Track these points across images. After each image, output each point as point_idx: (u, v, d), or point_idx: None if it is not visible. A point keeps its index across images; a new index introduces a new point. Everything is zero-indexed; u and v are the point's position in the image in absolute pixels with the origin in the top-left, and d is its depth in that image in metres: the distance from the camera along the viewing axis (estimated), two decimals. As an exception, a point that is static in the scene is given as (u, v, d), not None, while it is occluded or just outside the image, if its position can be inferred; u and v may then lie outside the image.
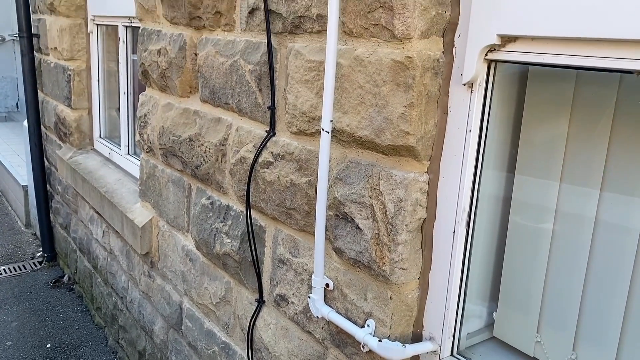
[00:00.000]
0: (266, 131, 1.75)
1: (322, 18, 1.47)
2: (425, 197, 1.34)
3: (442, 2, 1.25)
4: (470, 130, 1.25)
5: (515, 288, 1.38)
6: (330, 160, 1.48)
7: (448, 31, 1.28)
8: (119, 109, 3.57)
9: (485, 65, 1.22)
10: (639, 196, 1.12)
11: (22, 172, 5.57)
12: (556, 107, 1.24)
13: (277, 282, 1.78)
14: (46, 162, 4.56)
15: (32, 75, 4.18)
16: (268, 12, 1.65)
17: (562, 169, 1.24)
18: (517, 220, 1.35)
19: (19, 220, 5.66)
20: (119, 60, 3.33)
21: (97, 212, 3.40)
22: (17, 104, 9.10)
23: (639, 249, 1.13)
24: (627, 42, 0.95)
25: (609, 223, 1.17)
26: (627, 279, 1.15)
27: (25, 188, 5.24)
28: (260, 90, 1.77)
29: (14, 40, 8.53)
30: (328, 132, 1.43)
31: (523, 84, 1.31)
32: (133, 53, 3.26)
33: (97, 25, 3.63)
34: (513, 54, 1.15)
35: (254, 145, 1.82)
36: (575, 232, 1.23)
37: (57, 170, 4.22)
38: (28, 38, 4.08)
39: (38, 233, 4.91)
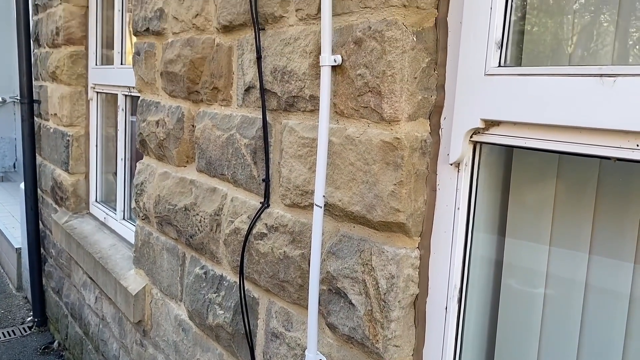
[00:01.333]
0: (260, 203, 1.79)
1: (314, 99, 1.53)
2: (417, 273, 1.36)
3: (427, 87, 1.32)
4: (458, 208, 1.29)
5: (510, 359, 1.37)
6: (323, 234, 1.50)
7: (434, 113, 1.34)
8: (115, 173, 3.62)
9: (471, 147, 1.27)
10: (628, 260, 1.13)
11: (17, 234, 5.55)
12: (542, 185, 1.28)
13: (270, 357, 1.76)
14: (41, 225, 4.56)
15: (31, 139, 4.25)
16: (264, 91, 1.72)
17: (551, 235, 1.27)
18: (510, 286, 1.37)
19: (10, 283, 5.58)
20: (118, 127, 3.40)
21: (91, 278, 3.38)
22: (14, 164, 9.17)
23: (630, 313, 1.14)
24: (603, 131, 1.00)
25: (598, 287, 1.19)
26: (619, 345, 1.15)
27: (18, 251, 5.21)
28: (255, 163, 1.81)
29: (14, 102, 8.71)
30: (321, 207, 1.46)
31: (509, 162, 1.35)
32: (132, 114, 3.34)
33: (97, 92, 3.73)
34: (497, 137, 1.20)
35: (248, 216, 1.84)
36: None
37: (51, 233, 4.21)
38: (29, 104, 4.18)
39: (29, 297, 4.84)
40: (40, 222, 4.53)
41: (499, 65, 1.20)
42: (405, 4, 1.26)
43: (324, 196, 1.46)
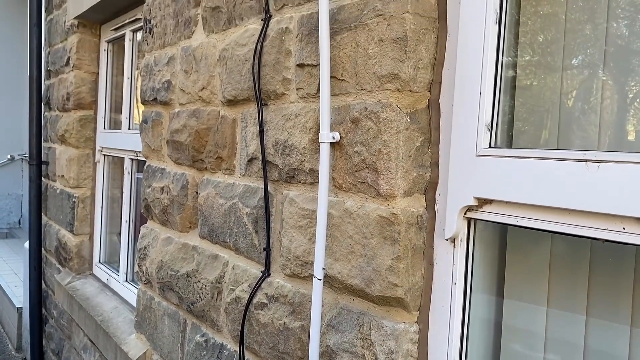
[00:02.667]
0: (261, 271, 1.81)
1: (314, 172, 1.58)
2: (416, 347, 1.36)
3: (422, 164, 1.37)
4: (455, 283, 1.31)
5: None
6: (322, 306, 1.52)
7: (429, 189, 1.38)
8: (119, 233, 3.65)
9: (466, 223, 1.30)
10: (625, 323, 1.14)
11: (19, 293, 5.53)
12: (537, 260, 1.30)
13: None
14: (44, 285, 4.55)
15: (37, 200, 4.31)
16: (265, 162, 1.78)
17: (547, 314, 1.28)
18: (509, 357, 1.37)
19: (10, 343, 5.51)
20: (123, 190, 3.47)
21: (91, 341, 3.35)
22: (19, 220, 9.23)
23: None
24: (590, 213, 1.04)
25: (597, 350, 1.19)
26: None
27: (19, 310, 5.17)
28: (256, 231, 1.85)
29: (22, 159, 8.87)
30: (320, 280, 1.48)
31: (504, 237, 1.38)
32: (139, 171, 3.40)
33: (105, 155, 3.82)
34: (490, 214, 1.24)
35: (249, 285, 1.86)
36: (564, 385, 1.24)
37: (54, 294, 4.21)
38: (37, 165, 4.27)
39: (28, 358, 4.77)
40: (43, 282, 4.53)
41: (490, 147, 1.25)
42: (399, 88, 1.33)
43: (323, 268, 1.48)
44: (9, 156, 8.88)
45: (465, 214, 1.29)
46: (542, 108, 1.27)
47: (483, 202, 1.25)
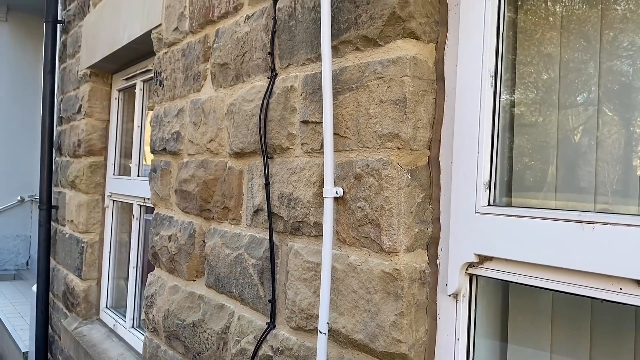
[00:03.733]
0: (267, 323, 1.82)
1: (318, 225, 1.62)
2: (421, 404, 1.36)
3: (423, 220, 1.40)
4: (458, 339, 1.32)
5: None
6: (327, 360, 1.52)
7: (431, 244, 1.41)
8: (127, 278, 3.67)
9: (467, 279, 1.33)
10: None
11: (25, 337, 5.51)
12: (539, 315, 1.31)
13: None
14: (50, 330, 4.55)
15: (46, 245, 4.35)
16: (271, 214, 1.82)
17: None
18: None
19: (14, 388, 5.46)
20: (131, 236, 3.51)
21: (96, 388, 3.32)
22: (27, 261, 9.27)
23: None
24: (588, 273, 1.06)
25: None
26: None
27: (25, 355, 5.14)
28: (262, 283, 1.87)
29: (32, 200, 8.97)
30: (325, 334, 1.50)
31: (506, 292, 1.40)
32: (148, 213, 3.44)
33: (114, 201, 3.88)
34: (490, 271, 1.26)
35: (254, 337, 1.87)
36: None
37: (60, 339, 4.20)
38: (47, 210, 4.33)
39: (32, 405, 4.72)
40: (49, 326, 4.52)
41: (489, 204, 1.28)
42: (399, 147, 1.37)
43: (327, 323, 1.50)
44: (19, 197, 8.99)
45: (466, 269, 1.31)
46: (540, 165, 1.31)
47: (484, 258, 1.27)
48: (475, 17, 1.31)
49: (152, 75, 3.19)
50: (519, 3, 1.35)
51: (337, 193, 1.52)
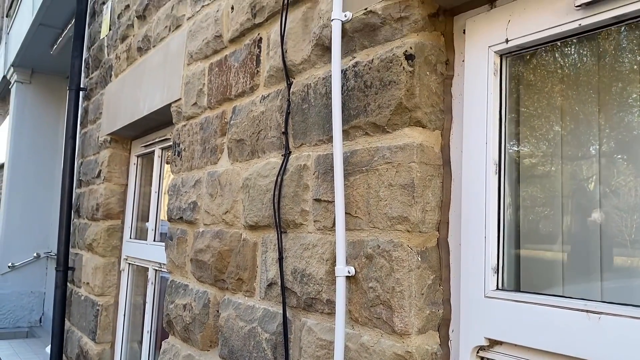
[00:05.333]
0: (281, 399, 1.82)
1: (331, 303, 1.65)
2: None
3: (434, 302, 1.43)
4: (471, 423, 1.32)
5: None
6: None
7: (443, 326, 1.43)
8: (141, 341, 3.67)
9: (478, 362, 1.34)
10: None
11: (35, 400, 5.45)
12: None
13: None
14: (61, 393, 4.51)
15: (62, 306, 4.39)
16: (284, 289, 1.86)
17: None
18: None
19: None
20: (146, 300, 3.54)
21: None
22: (40, 318, 9.27)
23: None
24: (596, 363, 1.08)
25: None
26: None
27: (35, 419, 5.08)
28: (275, 358, 1.88)
29: (47, 257, 9.06)
30: (338, 415, 1.50)
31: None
32: (163, 270, 3.47)
33: (129, 264, 3.94)
34: (501, 355, 1.28)
35: (268, 413, 1.87)
36: None
37: (71, 404, 4.16)
38: (64, 272, 4.39)
39: None
40: (61, 390, 4.49)
41: (497, 289, 1.31)
42: (408, 230, 1.42)
43: (341, 403, 1.51)
44: (35, 254, 9.08)
45: (477, 352, 1.33)
46: (547, 251, 1.35)
47: (494, 342, 1.29)
48: (478, 108, 1.38)
49: (170, 143, 3.31)
50: (521, 92, 1.43)
51: (349, 272, 1.56)
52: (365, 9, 1.58)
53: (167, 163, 3.58)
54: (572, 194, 1.31)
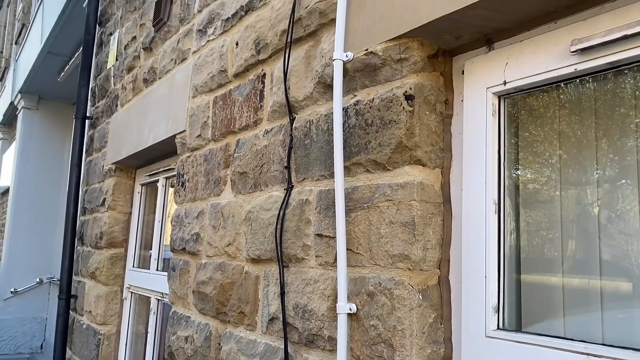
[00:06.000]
0: None
1: (332, 340, 1.65)
2: None
3: (435, 340, 1.43)
4: None
5: None
6: None
7: (444, 366, 1.43)
8: (141, 372, 3.64)
9: (480, 402, 1.33)
10: None
11: None
12: None
13: None
14: None
15: (63, 335, 4.37)
16: (286, 324, 1.86)
17: None
18: None
19: None
20: (148, 330, 3.52)
21: None
22: (42, 344, 9.20)
23: None
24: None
25: None
26: None
27: None
28: (277, 393, 1.87)
29: (50, 282, 9.04)
30: None
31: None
32: (163, 300, 3.45)
33: (132, 293, 3.94)
34: (503, 396, 1.27)
35: None
36: None
37: None
38: (66, 300, 4.38)
39: None
40: (61, 420, 4.44)
41: (498, 328, 1.32)
42: (409, 268, 1.43)
43: None
44: (37, 279, 9.07)
45: (479, 393, 1.32)
46: (548, 291, 1.35)
47: (495, 384, 1.29)
48: (477, 148, 1.40)
49: (174, 172, 3.34)
50: (520, 133, 1.45)
51: (350, 309, 1.57)
52: (366, 49, 1.62)
53: (172, 187, 3.60)
54: (573, 234, 1.32)
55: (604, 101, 1.28)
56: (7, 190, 9.85)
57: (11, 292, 8.80)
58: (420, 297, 1.43)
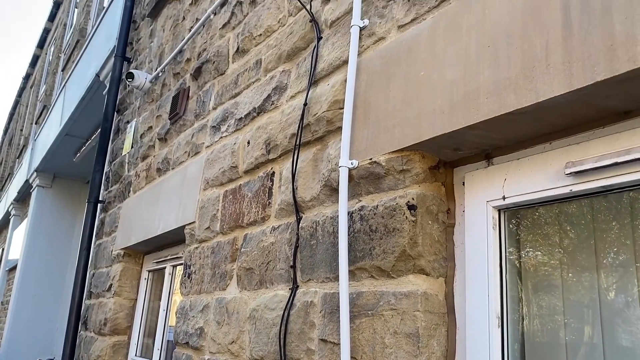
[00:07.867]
0: None
1: None
2: None
3: None
4: None
5: None
6: None
7: None
8: None
9: None
10: None
11: None
12: None
13: None
14: None
15: None
16: None
17: None
18: None
19: None
20: None
21: None
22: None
23: None
24: None
25: None
26: None
27: None
28: None
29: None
30: None
31: None
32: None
33: (132, 382, 3.84)
34: None
35: None
36: None
37: None
38: (65, 388, 4.26)
39: None
40: None
41: None
42: (414, 381, 1.41)
43: None
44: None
45: None
46: (553, 409, 1.32)
47: None
48: (478, 260, 1.43)
49: (182, 261, 3.36)
50: (520, 246, 1.48)
51: (354, 421, 1.53)
52: (370, 159, 1.69)
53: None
54: (578, 348, 1.31)
55: (603, 217, 1.32)
56: (14, 267, 9.86)
57: (10, 373, 8.57)
58: (425, 413, 1.40)
